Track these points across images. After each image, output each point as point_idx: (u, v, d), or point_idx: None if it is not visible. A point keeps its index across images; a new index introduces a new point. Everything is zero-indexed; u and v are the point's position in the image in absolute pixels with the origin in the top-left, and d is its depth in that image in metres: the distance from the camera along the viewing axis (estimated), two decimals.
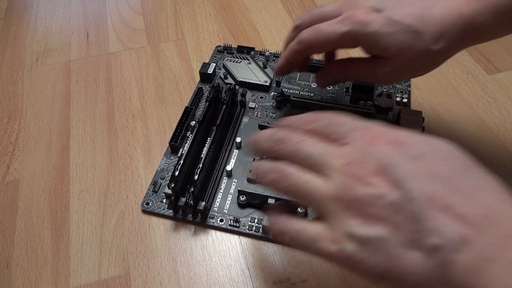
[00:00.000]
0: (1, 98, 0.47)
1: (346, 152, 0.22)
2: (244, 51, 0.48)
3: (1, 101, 0.46)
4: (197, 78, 0.47)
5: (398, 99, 0.43)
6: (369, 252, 0.20)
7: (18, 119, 0.44)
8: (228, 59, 0.47)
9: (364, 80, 0.35)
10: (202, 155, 0.35)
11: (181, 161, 0.34)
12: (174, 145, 0.39)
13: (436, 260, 0.18)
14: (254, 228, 0.34)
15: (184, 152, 0.35)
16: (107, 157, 0.40)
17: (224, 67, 0.46)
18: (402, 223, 0.19)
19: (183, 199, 0.34)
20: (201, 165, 0.35)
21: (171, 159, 0.39)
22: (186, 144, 0.36)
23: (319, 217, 0.22)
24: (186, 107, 0.41)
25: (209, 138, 0.37)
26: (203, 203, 0.34)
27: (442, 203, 0.18)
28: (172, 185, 0.33)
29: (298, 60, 0.35)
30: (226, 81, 0.45)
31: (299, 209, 0.34)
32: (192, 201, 0.34)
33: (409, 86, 0.44)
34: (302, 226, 0.22)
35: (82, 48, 0.52)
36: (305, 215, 0.34)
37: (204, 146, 0.36)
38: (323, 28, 0.31)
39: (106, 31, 0.54)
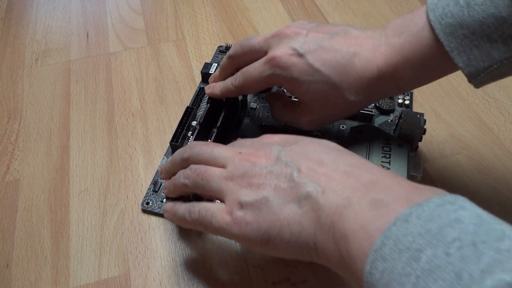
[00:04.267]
0: (1, 98, 0.47)
1: (242, 148, 0.27)
2: None
3: (1, 101, 0.46)
4: (197, 78, 0.47)
5: (400, 100, 0.42)
6: (255, 213, 0.24)
7: (18, 119, 0.44)
8: None
9: (289, 124, 0.36)
10: None
11: None
12: (175, 145, 0.39)
13: (308, 206, 0.22)
14: None
15: None
16: (107, 157, 0.40)
17: None
18: (281, 183, 0.24)
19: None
20: None
21: None
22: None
23: (219, 199, 0.26)
24: (187, 107, 0.41)
25: (209, 140, 0.37)
26: None
27: (309, 166, 0.24)
28: None
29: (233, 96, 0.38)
30: None
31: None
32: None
33: None
34: (204, 205, 0.27)
35: (82, 48, 0.52)
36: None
37: None
38: (250, 73, 0.33)
39: (106, 31, 0.54)
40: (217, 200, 0.29)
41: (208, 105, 0.39)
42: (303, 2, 0.57)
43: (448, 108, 0.43)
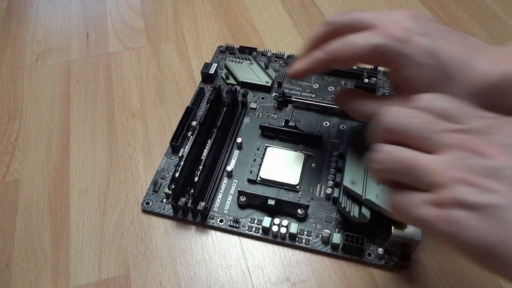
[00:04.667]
0: (1, 98, 0.47)
1: (464, 129, 0.21)
2: (246, 52, 0.48)
3: (1, 101, 0.46)
4: (197, 78, 0.47)
5: None
6: (479, 220, 0.18)
7: (18, 119, 0.44)
8: (230, 59, 0.47)
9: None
10: (203, 157, 0.35)
11: (182, 163, 0.34)
12: (175, 145, 0.39)
13: None
14: (254, 229, 0.34)
15: (185, 154, 0.35)
16: (107, 157, 0.40)
17: (226, 67, 0.46)
18: None
19: (183, 199, 0.34)
20: (201, 167, 0.35)
21: (171, 159, 0.39)
22: (187, 146, 0.36)
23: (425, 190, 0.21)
24: (187, 107, 0.41)
25: (209, 140, 0.37)
26: (203, 203, 0.34)
27: None
28: (172, 187, 0.33)
29: (320, 70, 0.30)
30: (227, 81, 0.45)
31: (299, 210, 0.34)
32: (191, 202, 0.34)
33: None
34: (406, 197, 0.21)
35: (82, 48, 0.52)
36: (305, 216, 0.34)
37: (205, 148, 0.36)
38: (353, 39, 0.27)
39: (106, 31, 0.54)
40: None
41: (208, 105, 0.39)
42: (303, 2, 0.57)
43: None
